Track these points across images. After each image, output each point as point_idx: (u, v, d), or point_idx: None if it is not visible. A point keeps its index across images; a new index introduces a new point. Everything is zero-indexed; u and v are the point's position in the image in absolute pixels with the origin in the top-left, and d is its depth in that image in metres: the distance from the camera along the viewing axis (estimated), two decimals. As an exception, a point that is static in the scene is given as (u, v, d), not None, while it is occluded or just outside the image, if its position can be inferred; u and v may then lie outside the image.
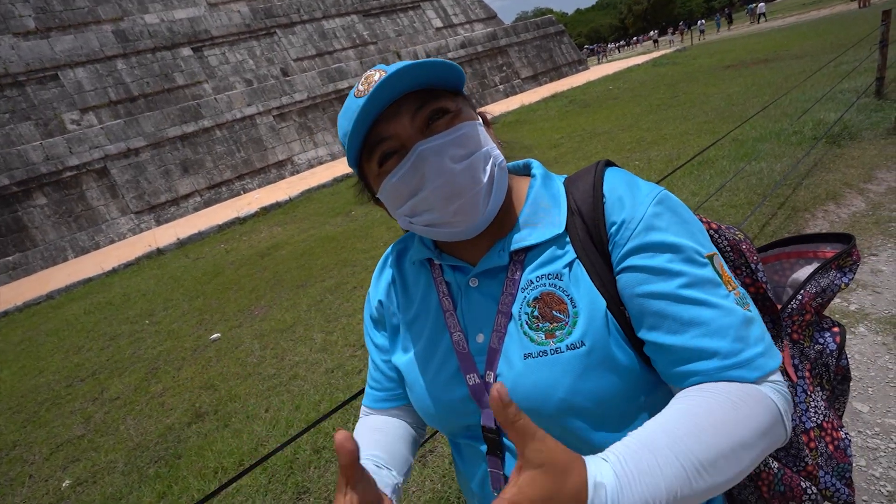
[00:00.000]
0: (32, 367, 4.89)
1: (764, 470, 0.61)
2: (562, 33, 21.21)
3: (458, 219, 0.55)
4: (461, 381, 0.60)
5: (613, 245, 0.55)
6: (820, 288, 0.66)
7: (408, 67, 0.51)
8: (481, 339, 0.59)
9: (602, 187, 0.57)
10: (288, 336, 3.85)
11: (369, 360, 0.74)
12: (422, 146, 0.53)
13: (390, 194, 0.57)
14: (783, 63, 10.37)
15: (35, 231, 10.42)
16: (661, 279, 0.51)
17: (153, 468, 2.67)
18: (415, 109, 0.54)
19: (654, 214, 0.53)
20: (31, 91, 11.55)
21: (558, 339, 0.54)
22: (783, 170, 4.26)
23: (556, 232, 0.58)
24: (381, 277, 0.73)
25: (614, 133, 7.94)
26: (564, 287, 0.56)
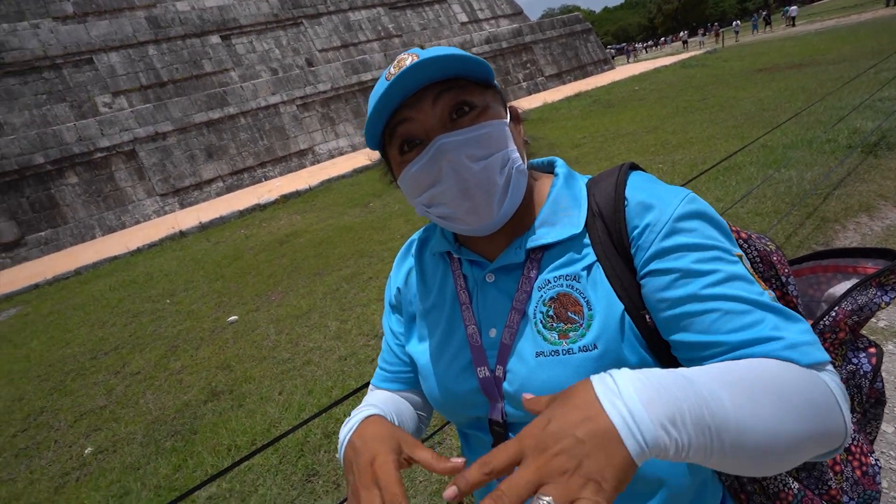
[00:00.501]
0: (60, 338, 5.09)
1: (783, 490, 0.60)
2: (588, 31, 20.88)
3: (470, 217, 0.56)
4: (472, 374, 0.60)
5: (637, 249, 0.54)
6: (857, 305, 0.63)
7: (436, 58, 0.51)
8: (494, 334, 0.59)
9: (624, 190, 0.57)
10: (303, 322, 3.92)
11: (383, 341, 0.76)
12: (442, 140, 0.53)
13: (409, 183, 0.58)
14: (819, 68, 10.02)
15: (66, 209, 10.79)
16: (689, 280, 0.50)
17: (170, 441, 2.77)
18: (435, 95, 0.54)
19: (680, 217, 0.52)
20: (67, 74, 11.92)
21: (571, 341, 0.54)
22: (814, 178, 4.13)
23: (573, 232, 0.57)
24: (403, 265, 0.74)
25: (638, 135, 7.80)
26: (581, 289, 0.56)
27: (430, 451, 0.49)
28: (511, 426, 0.60)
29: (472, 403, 0.61)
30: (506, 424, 0.59)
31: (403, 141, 0.56)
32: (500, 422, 0.59)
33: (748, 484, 0.63)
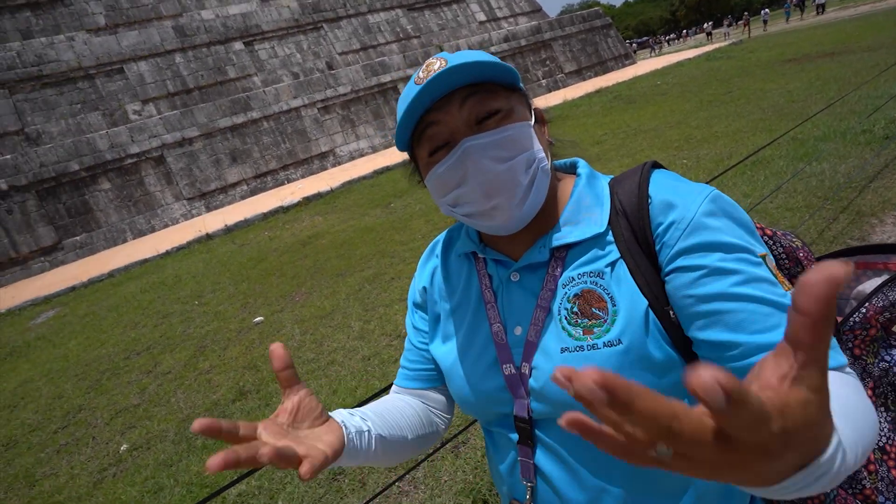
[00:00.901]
0: (95, 338, 5.30)
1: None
2: (608, 27, 20.53)
3: (494, 214, 0.58)
4: (498, 371, 0.61)
5: (662, 246, 0.54)
6: (889, 301, 0.62)
7: (465, 65, 0.53)
8: (519, 332, 0.60)
9: (648, 188, 0.58)
10: (327, 323, 3.98)
11: (406, 341, 0.76)
12: (468, 142, 0.55)
13: (436, 184, 0.60)
14: (853, 56, 9.60)
15: (100, 214, 11.23)
16: (714, 278, 0.50)
17: (201, 440, 2.85)
18: (462, 99, 0.56)
19: (705, 214, 0.52)
20: (99, 83, 12.41)
21: (596, 336, 0.55)
22: (848, 171, 3.97)
23: (596, 231, 0.58)
24: (427, 265, 0.76)
25: (661, 130, 7.63)
26: (605, 285, 0.56)
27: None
28: (536, 423, 0.60)
29: (497, 400, 0.62)
30: (531, 421, 0.60)
31: (431, 143, 0.58)
32: (525, 418, 0.60)
33: None
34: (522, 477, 0.62)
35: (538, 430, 0.60)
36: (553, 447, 0.60)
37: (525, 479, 0.62)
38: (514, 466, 0.64)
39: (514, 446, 0.63)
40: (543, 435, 0.60)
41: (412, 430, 0.68)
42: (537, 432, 0.60)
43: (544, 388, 0.58)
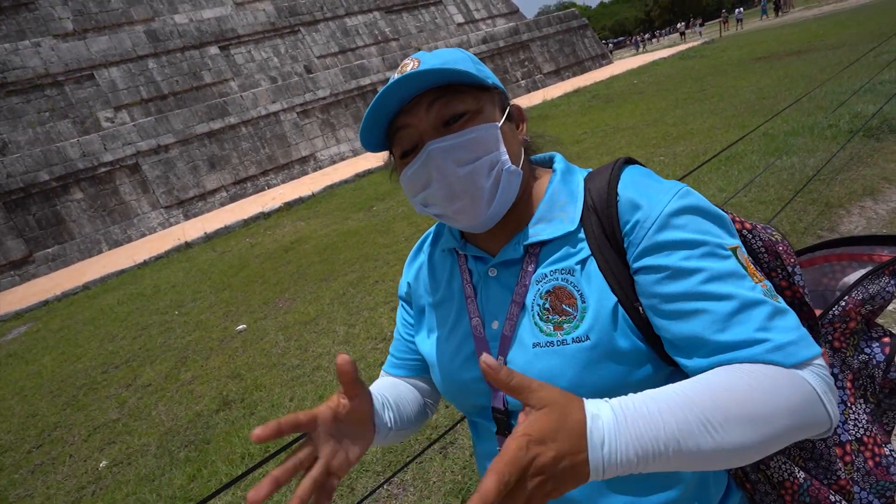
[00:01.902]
0: (71, 353, 5.14)
1: (788, 479, 0.60)
2: (585, 27, 20.84)
3: (459, 216, 0.59)
4: (475, 363, 0.63)
5: (629, 244, 0.55)
6: (868, 294, 0.62)
7: (430, 71, 0.54)
8: (496, 326, 0.62)
9: (617, 185, 0.58)
10: (311, 328, 3.94)
11: (395, 330, 0.80)
12: (432, 145, 0.56)
13: (406, 185, 0.61)
14: (818, 54, 9.95)
15: (72, 224, 10.89)
16: (678, 278, 0.51)
17: (183, 452, 2.79)
18: (429, 102, 0.57)
19: (671, 213, 0.52)
20: (69, 90, 12.05)
21: (565, 332, 0.56)
22: (816, 164, 4.11)
23: (568, 229, 0.59)
24: (414, 261, 0.78)
25: (639, 128, 7.78)
26: (575, 282, 0.57)
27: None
28: (512, 413, 0.62)
29: (475, 392, 0.64)
30: (507, 412, 0.62)
31: (402, 145, 0.60)
32: (501, 409, 0.62)
33: (752, 473, 0.64)
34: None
35: (514, 420, 0.62)
36: None
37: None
38: (492, 456, 0.65)
39: (493, 436, 0.64)
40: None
41: (416, 413, 0.73)
42: (513, 423, 0.61)
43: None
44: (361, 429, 0.56)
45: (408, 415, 0.70)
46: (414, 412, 0.73)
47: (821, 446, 0.60)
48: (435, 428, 2.36)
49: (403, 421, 0.68)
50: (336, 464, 0.52)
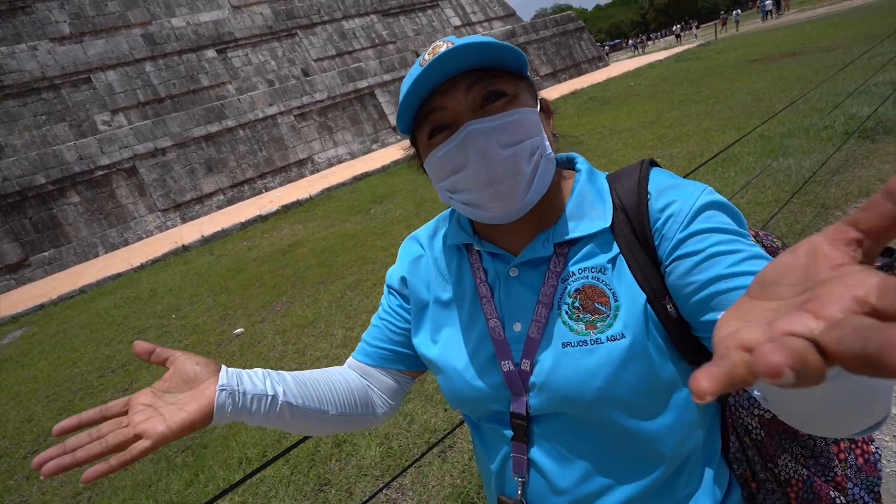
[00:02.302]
0: (67, 357, 5.11)
1: (793, 476, 0.61)
2: (581, 30, 20.93)
3: (494, 203, 0.56)
4: (496, 367, 0.61)
5: (661, 239, 0.55)
6: None
7: (470, 45, 0.51)
8: (518, 328, 0.60)
9: (647, 185, 0.58)
10: (309, 332, 3.93)
11: (374, 316, 0.75)
12: (471, 126, 0.53)
13: (435, 167, 0.58)
14: (813, 56, 10.02)
15: (69, 228, 10.85)
16: (715, 260, 0.50)
17: (180, 457, 2.77)
18: (469, 84, 0.54)
19: (701, 207, 0.54)
20: (65, 93, 12.02)
21: (599, 331, 0.55)
22: (812, 166, 4.13)
23: (602, 226, 0.58)
24: (409, 253, 0.73)
25: (635, 130, 7.80)
26: (607, 281, 0.57)
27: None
28: (534, 419, 0.60)
29: (494, 398, 0.61)
30: (528, 418, 0.60)
31: (434, 126, 0.57)
32: (522, 415, 0.60)
33: (761, 472, 0.65)
34: (514, 472, 0.62)
35: (535, 426, 0.60)
36: (549, 442, 0.60)
37: (517, 475, 0.62)
38: (505, 462, 0.63)
39: (506, 442, 0.62)
40: (540, 430, 0.60)
41: (337, 406, 0.66)
42: (534, 427, 0.60)
43: (546, 384, 0.57)
44: (187, 394, 0.53)
45: (328, 402, 0.65)
46: (346, 405, 0.67)
47: (821, 444, 0.62)
48: (433, 432, 2.36)
49: (314, 402, 0.63)
50: (146, 426, 0.49)
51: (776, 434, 0.62)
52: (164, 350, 0.56)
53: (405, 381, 0.76)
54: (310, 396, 0.64)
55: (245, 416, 0.57)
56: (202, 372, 0.55)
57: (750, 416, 0.64)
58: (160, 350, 0.56)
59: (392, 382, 0.74)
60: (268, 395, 0.58)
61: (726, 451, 0.66)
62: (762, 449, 0.64)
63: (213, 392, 0.53)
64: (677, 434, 0.57)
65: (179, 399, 0.53)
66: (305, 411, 0.62)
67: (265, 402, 0.58)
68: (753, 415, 0.63)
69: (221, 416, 0.54)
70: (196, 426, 0.52)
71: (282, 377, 0.63)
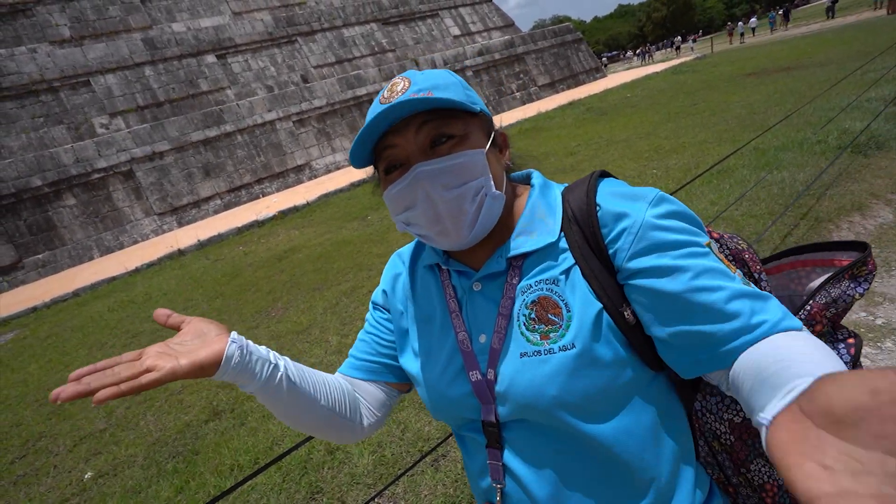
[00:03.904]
0: (58, 361, 5.05)
1: (767, 481, 0.62)
2: (579, 41, 21.18)
3: (441, 238, 0.60)
4: (465, 378, 0.63)
5: (616, 251, 0.57)
6: (831, 298, 0.64)
7: (421, 101, 0.55)
8: (483, 340, 0.63)
9: (595, 196, 0.60)
10: (304, 338, 3.91)
11: (361, 331, 0.78)
12: (419, 168, 0.57)
13: (390, 202, 0.63)
14: (807, 71, 10.17)
15: (64, 230, 10.79)
16: (672, 277, 0.53)
17: (171, 463, 2.74)
18: (418, 125, 0.58)
19: (654, 217, 0.55)
20: (64, 96, 12.02)
21: (552, 341, 0.57)
22: (806, 179, 4.17)
23: (549, 240, 0.61)
24: (391, 270, 0.78)
25: (632, 141, 7.88)
26: (560, 292, 0.59)
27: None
28: (504, 426, 0.62)
29: (466, 406, 0.64)
30: (499, 425, 0.62)
31: (388, 163, 0.61)
32: (493, 422, 0.62)
33: (734, 477, 0.66)
34: (492, 479, 0.64)
35: (505, 432, 0.62)
36: (520, 448, 0.62)
37: (495, 482, 0.64)
38: (483, 469, 0.66)
39: (483, 450, 0.65)
40: (510, 437, 0.62)
41: (328, 399, 0.68)
42: (505, 435, 0.62)
43: (508, 392, 0.60)
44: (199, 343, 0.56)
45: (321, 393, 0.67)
46: (336, 403, 0.69)
47: None
48: (427, 441, 2.34)
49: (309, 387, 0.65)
50: (158, 361, 0.51)
51: (748, 438, 0.62)
52: (179, 316, 0.59)
53: (392, 393, 0.78)
54: (305, 380, 0.66)
55: (247, 376, 0.58)
56: (214, 328, 0.58)
57: (718, 420, 0.64)
58: (176, 315, 0.59)
59: (380, 394, 0.76)
60: (271, 361, 0.61)
61: (696, 455, 0.67)
62: (733, 454, 0.64)
63: (224, 341, 0.56)
64: (636, 438, 0.58)
65: (191, 346, 0.55)
66: (300, 392, 0.65)
67: (268, 367, 0.60)
68: (723, 419, 0.63)
69: (227, 367, 0.56)
70: (204, 370, 0.54)
71: (283, 357, 0.66)
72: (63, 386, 0.48)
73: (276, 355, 0.64)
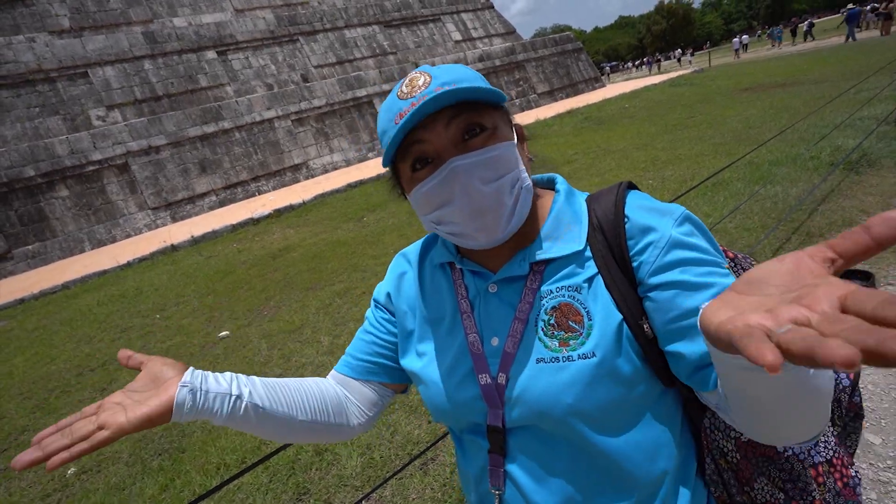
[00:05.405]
0: (45, 354, 4.99)
1: (770, 500, 0.62)
2: (580, 51, 21.35)
3: (479, 234, 0.58)
4: (473, 381, 0.62)
5: (640, 264, 0.57)
6: None
7: (453, 91, 0.53)
8: (496, 343, 0.61)
9: (624, 207, 0.60)
10: (295, 337, 3.89)
11: (359, 330, 0.77)
12: (455, 162, 0.55)
13: (420, 201, 0.59)
14: (802, 88, 10.32)
15: (55, 222, 10.67)
16: (693, 293, 0.53)
17: (157, 461, 2.70)
18: (448, 118, 0.56)
19: (680, 233, 0.55)
20: (61, 87, 11.92)
21: (571, 348, 0.57)
22: (799, 194, 4.22)
23: (576, 248, 0.60)
24: (396, 270, 0.76)
25: (629, 151, 7.94)
26: (582, 300, 0.58)
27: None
28: (510, 432, 0.61)
29: (472, 409, 0.63)
30: (504, 430, 0.61)
31: (415, 159, 0.58)
32: (499, 427, 0.61)
33: (737, 495, 0.65)
34: (492, 485, 0.63)
35: (512, 438, 0.61)
36: (524, 455, 0.61)
37: (494, 487, 0.63)
38: (482, 474, 0.64)
39: (484, 454, 0.63)
40: (516, 443, 0.61)
41: (306, 413, 0.67)
42: (510, 440, 0.61)
43: (521, 398, 0.59)
44: (152, 391, 0.55)
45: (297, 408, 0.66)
46: (316, 412, 0.68)
47: (798, 467, 0.62)
48: (416, 444, 2.33)
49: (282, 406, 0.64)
50: (108, 418, 0.51)
51: (753, 457, 0.62)
52: (140, 356, 0.59)
53: (385, 394, 0.77)
54: (277, 401, 0.64)
55: (207, 415, 0.57)
56: (168, 371, 0.57)
57: (726, 438, 0.64)
58: (137, 356, 0.59)
59: (372, 394, 0.75)
60: (231, 394, 0.59)
61: (702, 472, 0.66)
62: (738, 472, 0.64)
63: (174, 389, 0.55)
64: (645, 452, 0.58)
65: (143, 395, 0.55)
66: (271, 414, 0.63)
67: (228, 401, 0.59)
68: (730, 437, 0.63)
69: (180, 413, 0.55)
70: (154, 421, 0.53)
71: (251, 380, 0.64)
72: (23, 452, 0.49)
73: (242, 382, 0.62)
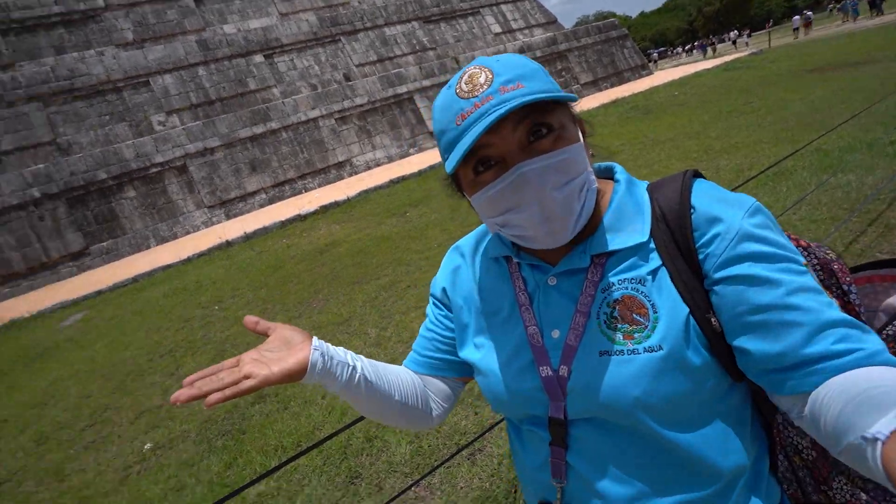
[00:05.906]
0: (120, 341, 5.45)
1: (851, 501, 0.59)
2: (625, 37, 20.53)
3: (548, 238, 0.57)
4: (534, 373, 0.62)
5: (707, 256, 0.55)
6: None
7: (521, 94, 0.52)
8: (556, 335, 0.61)
9: (690, 197, 0.58)
10: (343, 329, 4.03)
11: (422, 326, 0.79)
12: (524, 167, 0.53)
13: (485, 204, 0.58)
14: (879, 66, 9.42)
15: (125, 221, 11.58)
16: (764, 288, 0.51)
17: (221, 440, 2.90)
18: (516, 122, 0.53)
19: (750, 225, 0.53)
20: (126, 95, 12.87)
21: (636, 341, 0.56)
22: (876, 183, 3.89)
23: (640, 240, 0.58)
24: (450, 264, 0.76)
25: (679, 141, 7.58)
26: (647, 292, 0.57)
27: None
28: (572, 423, 0.61)
29: (533, 401, 0.63)
30: (566, 422, 0.61)
31: (479, 160, 0.56)
32: (560, 419, 0.60)
33: (813, 494, 0.63)
34: (553, 477, 0.62)
35: (573, 430, 0.61)
36: (588, 447, 0.60)
37: (556, 480, 0.62)
38: (544, 466, 0.64)
39: (545, 446, 0.63)
40: (578, 435, 0.60)
41: (401, 394, 0.70)
42: (571, 432, 0.61)
43: (586, 390, 0.58)
44: (287, 351, 0.59)
45: (395, 388, 0.70)
46: (408, 396, 0.71)
47: None
48: (463, 434, 2.37)
49: (384, 384, 0.68)
50: (254, 369, 0.56)
51: (831, 455, 0.59)
52: (266, 322, 0.63)
53: (457, 385, 0.79)
54: (380, 378, 0.68)
55: (329, 379, 0.62)
56: (297, 336, 0.62)
57: (800, 434, 0.62)
58: (263, 322, 0.63)
59: (445, 387, 0.77)
60: (349, 364, 0.64)
61: (775, 469, 0.64)
62: (814, 470, 0.62)
63: (307, 351, 0.60)
64: (715, 447, 0.57)
65: (280, 354, 0.59)
66: (376, 390, 0.67)
67: (347, 370, 0.64)
68: (804, 434, 0.61)
69: (312, 373, 0.59)
70: (293, 376, 0.58)
71: (359, 356, 0.68)
72: (180, 390, 0.55)
73: (353, 356, 0.66)
